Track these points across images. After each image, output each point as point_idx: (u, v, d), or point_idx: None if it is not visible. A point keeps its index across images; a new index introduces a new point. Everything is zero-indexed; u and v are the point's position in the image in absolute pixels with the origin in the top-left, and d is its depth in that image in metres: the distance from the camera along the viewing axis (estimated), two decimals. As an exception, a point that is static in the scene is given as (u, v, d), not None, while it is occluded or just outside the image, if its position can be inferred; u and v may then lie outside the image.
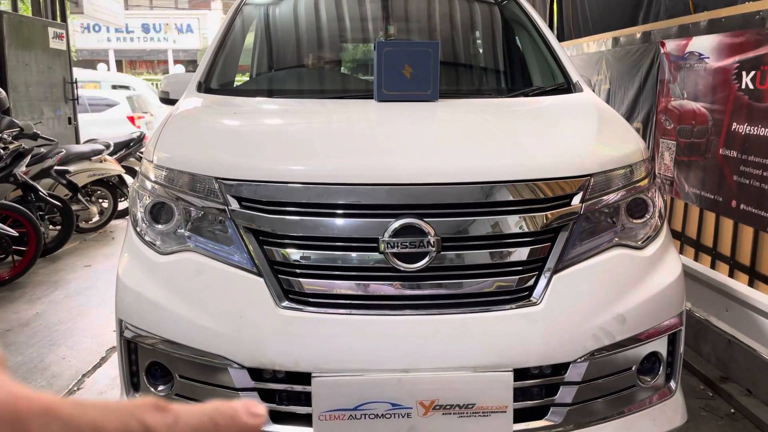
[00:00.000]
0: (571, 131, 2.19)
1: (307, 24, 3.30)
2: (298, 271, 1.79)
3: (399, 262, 1.76)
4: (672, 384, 1.99)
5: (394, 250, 1.75)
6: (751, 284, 2.90)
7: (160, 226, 1.94)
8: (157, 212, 1.96)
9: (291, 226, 1.80)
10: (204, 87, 2.68)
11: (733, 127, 2.99)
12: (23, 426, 0.30)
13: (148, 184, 2.00)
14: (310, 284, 1.79)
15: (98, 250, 5.58)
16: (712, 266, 3.20)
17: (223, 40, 2.93)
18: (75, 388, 2.96)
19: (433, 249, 1.75)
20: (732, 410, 2.72)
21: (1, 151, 4.70)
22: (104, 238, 6.01)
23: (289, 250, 1.79)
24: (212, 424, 0.37)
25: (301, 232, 1.79)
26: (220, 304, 1.81)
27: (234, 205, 1.83)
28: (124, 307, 1.92)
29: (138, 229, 1.99)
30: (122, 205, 6.56)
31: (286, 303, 1.77)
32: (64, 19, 8.34)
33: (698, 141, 3.30)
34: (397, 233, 1.75)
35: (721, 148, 3.09)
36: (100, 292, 4.36)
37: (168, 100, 2.97)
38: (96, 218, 6.23)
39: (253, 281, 1.79)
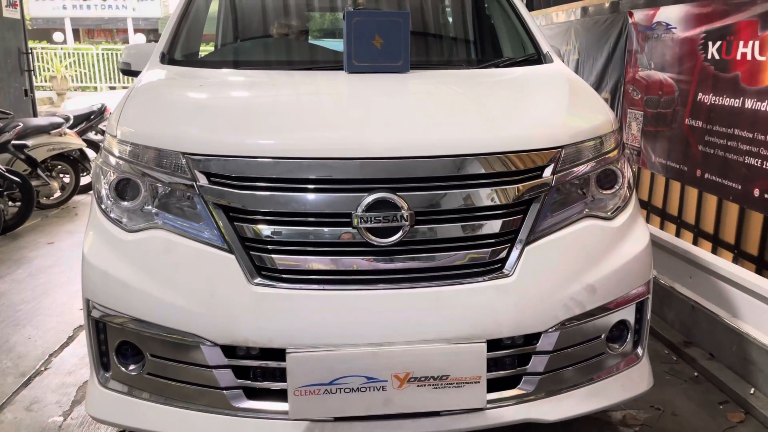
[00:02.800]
0: (542, 103, 2.19)
1: (272, -8, 3.21)
2: (269, 247, 1.77)
3: (372, 237, 1.74)
4: (639, 350, 2.04)
5: (368, 224, 1.73)
6: (714, 252, 2.97)
7: (126, 203, 1.89)
8: (123, 189, 1.91)
9: (261, 201, 1.76)
10: (167, 58, 2.60)
11: (699, 97, 3.03)
12: None
13: (112, 160, 1.94)
14: (282, 260, 1.76)
15: (61, 226, 5.44)
16: (677, 234, 3.28)
17: (186, 8, 2.84)
18: (42, 368, 2.90)
19: (407, 223, 1.74)
20: (695, 374, 2.81)
21: (-46, 125, 4.51)
22: (67, 215, 5.86)
23: (260, 227, 1.77)
24: None
25: (272, 208, 1.77)
26: (191, 282, 1.78)
27: (202, 180, 1.79)
28: (91, 286, 1.87)
29: (103, 206, 1.93)
30: (84, 180, 6.40)
31: (258, 280, 1.75)
32: (16, -15, 7.96)
33: (665, 111, 3.34)
34: (370, 208, 1.74)
35: (686, 119, 3.14)
36: (63, 269, 4.26)
37: (129, 72, 2.88)
38: (57, 194, 6.06)
39: (224, 258, 1.76)
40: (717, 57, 2.89)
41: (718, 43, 2.87)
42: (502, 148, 1.84)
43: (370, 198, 1.74)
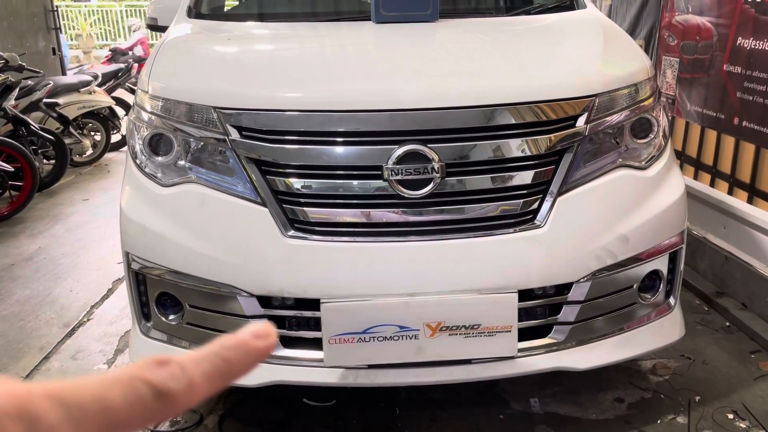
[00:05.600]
0: (574, 50, 2.14)
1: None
2: (302, 200, 1.79)
3: (403, 189, 1.75)
4: (671, 300, 2.04)
5: (398, 177, 1.74)
6: (750, 201, 2.91)
7: (159, 158, 1.92)
8: (156, 144, 1.94)
9: (293, 155, 1.78)
10: (194, 12, 2.59)
11: (738, 41, 2.92)
12: (30, 417, 0.29)
13: (145, 116, 1.96)
14: (314, 213, 1.79)
15: (95, 183, 5.54)
16: (712, 184, 3.21)
17: (211, -39, 2.80)
18: (85, 319, 3.01)
19: (438, 175, 1.74)
20: (727, 323, 2.80)
21: (-12, 84, 4.58)
22: (100, 172, 5.97)
23: (293, 180, 1.78)
24: (222, 361, 0.34)
25: (303, 161, 1.78)
26: (226, 235, 1.82)
27: (234, 134, 1.81)
28: (130, 239, 1.92)
29: (138, 161, 1.97)
30: (115, 138, 6.47)
31: (291, 232, 1.78)
32: (39, -58, 7.92)
33: (702, 57, 3.23)
34: (400, 160, 1.74)
35: (725, 64, 3.03)
36: (100, 225, 4.37)
37: (156, 27, 2.88)
38: (89, 151, 6.15)
39: (258, 211, 1.79)
40: (759, -1, 2.76)
41: (761, -17, 2.75)
42: (534, 97, 1.81)
43: (400, 150, 1.74)
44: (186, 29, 2.44)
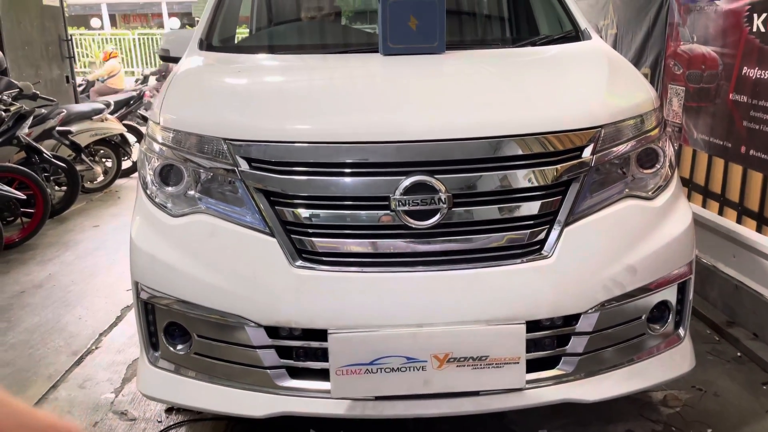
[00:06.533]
0: (580, 82, 2.16)
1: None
2: (310, 230, 1.80)
3: (410, 220, 1.76)
4: (681, 331, 2.03)
5: (405, 207, 1.75)
6: (759, 230, 2.90)
7: (170, 189, 1.95)
8: (167, 174, 1.96)
9: (301, 185, 1.80)
10: (206, 45, 2.64)
11: (744, 71, 2.94)
12: None
13: (156, 147, 1.99)
14: (322, 243, 1.80)
15: (105, 210, 5.59)
16: (720, 213, 3.21)
17: (222, -5, 2.87)
18: (93, 347, 3.02)
19: (444, 205, 1.75)
20: (738, 354, 2.77)
21: (3, 113, 4.65)
22: (110, 198, 6.03)
23: (301, 210, 1.80)
24: None
25: (311, 192, 1.80)
26: (234, 265, 1.83)
27: (243, 165, 1.83)
28: (139, 269, 1.94)
29: (148, 191, 1.99)
30: (126, 164, 6.55)
31: (299, 262, 1.79)
32: (55, -27, 8.11)
33: (708, 86, 3.25)
34: (407, 191, 1.75)
35: (731, 93, 3.05)
36: (109, 252, 4.40)
37: (168, 58, 2.93)
38: (100, 178, 6.23)
39: (266, 241, 1.81)
40: (763, 29, 2.79)
41: (764, 15, 2.77)
42: (540, 128, 1.82)
43: (407, 181, 1.75)
44: (197, 61, 2.49)
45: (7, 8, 6.53)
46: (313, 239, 1.79)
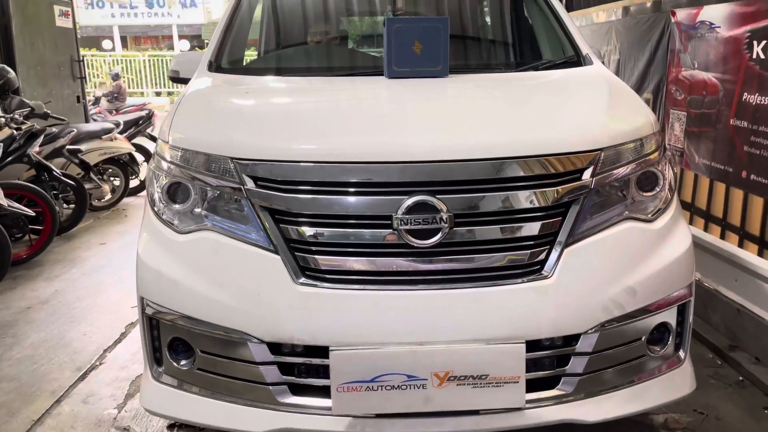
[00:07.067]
0: (581, 106, 2.20)
1: (314, 0, 3.29)
2: (313, 248, 1.83)
3: (412, 239, 1.79)
4: (681, 353, 2.03)
5: (408, 226, 1.78)
6: (760, 254, 2.92)
7: (177, 206, 1.98)
8: (174, 192, 2.00)
9: (306, 204, 1.83)
10: (215, 66, 2.70)
11: (744, 97, 2.98)
12: None
13: (164, 165, 2.03)
14: (325, 261, 1.82)
15: (112, 227, 5.65)
16: (722, 237, 3.22)
17: (231, 18, 2.94)
18: (97, 363, 3.04)
19: (446, 225, 1.78)
20: (740, 378, 2.77)
21: (14, 131, 4.73)
22: (117, 216, 6.08)
23: (305, 228, 1.83)
24: None
25: (315, 211, 1.83)
26: (239, 281, 1.85)
27: (250, 184, 1.87)
28: (145, 285, 1.97)
29: (155, 208, 2.03)
30: (133, 183, 6.62)
31: (302, 279, 1.81)
32: (69, -4, 8.28)
33: (709, 112, 3.29)
34: (410, 210, 1.78)
35: (731, 119, 3.09)
36: (115, 269, 4.44)
37: (178, 79, 3.00)
38: (108, 196, 6.30)
39: (270, 258, 1.84)
40: (762, 56, 2.84)
41: (764, 42, 2.82)
42: (541, 150, 1.86)
43: (410, 201, 1.79)
44: (206, 82, 2.55)
45: (21, 29, 6.66)
46: (317, 257, 1.82)
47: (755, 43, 2.88)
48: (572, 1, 5.56)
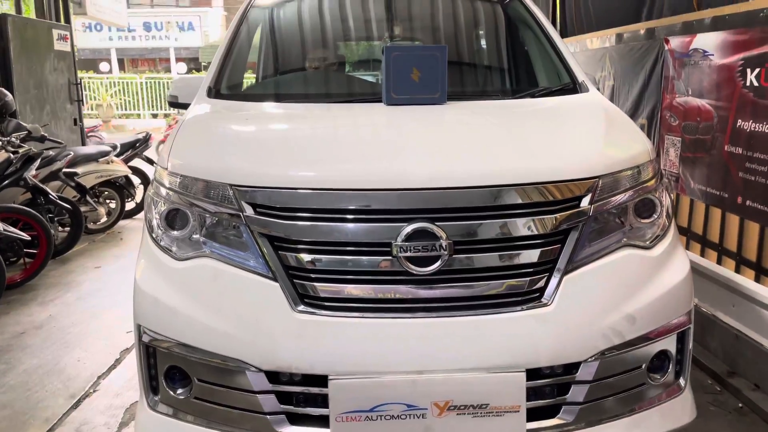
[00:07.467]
0: (578, 133, 2.22)
1: (312, 26, 3.32)
2: (312, 275, 1.82)
3: (412, 266, 1.79)
4: (681, 381, 2.03)
5: (407, 254, 1.78)
6: (757, 280, 2.92)
7: (175, 233, 1.98)
8: (172, 218, 2.00)
9: (305, 231, 1.83)
10: (214, 92, 2.71)
11: (738, 124, 3.01)
12: None
13: (163, 191, 2.03)
14: (324, 288, 1.82)
15: (107, 251, 5.62)
16: (719, 262, 3.23)
17: (230, 45, 2.96)
18: (91, 390, 3.00)
19: (446, 252, 1.78)
20: (740, 405, 2.75)
21: (11, 155, 4.73)
22: (113, 239, 6.06)
23: (304, 255, 1.83)
24: None
25: (314, 238, 1.83)
26: (237, 309, 1.84)
27: (248, 211, 1.86)
28: (142, 312, 1.95)
29: (154, 235, 2.02)
30: (129, 206, 6.61)
31: (301, 307, 1.81)
32: (68, 20, 8.34)
33: (703, 138, 3.32)
34: (409, 237, 1.78)
35: (726, 145, 3.11)
36: (111, 293, 4.41)
37: (176, 104, 3.01)
38: (104, 219, 6.28)
39: (269, 286, 1.83)
40: (756, 84, 2.87)
41: (757, 69, 2.86)
42: (540, 178, 1.87)
43: (409, 228, 1.79)
44: (205, 109, 2.56)
45: (19, 52, 6.70)
46: (315, 284, 1.82)
47: (749, 70, 2.92)
48: (566, 27, 5.64)
